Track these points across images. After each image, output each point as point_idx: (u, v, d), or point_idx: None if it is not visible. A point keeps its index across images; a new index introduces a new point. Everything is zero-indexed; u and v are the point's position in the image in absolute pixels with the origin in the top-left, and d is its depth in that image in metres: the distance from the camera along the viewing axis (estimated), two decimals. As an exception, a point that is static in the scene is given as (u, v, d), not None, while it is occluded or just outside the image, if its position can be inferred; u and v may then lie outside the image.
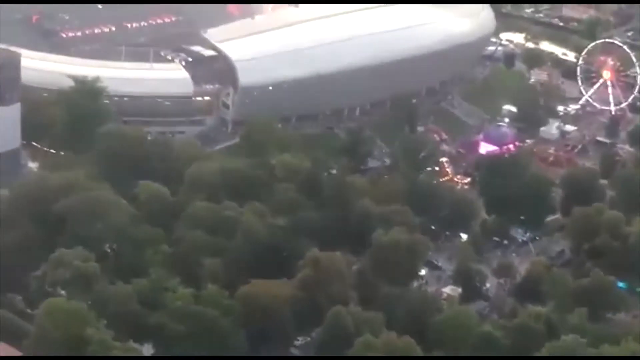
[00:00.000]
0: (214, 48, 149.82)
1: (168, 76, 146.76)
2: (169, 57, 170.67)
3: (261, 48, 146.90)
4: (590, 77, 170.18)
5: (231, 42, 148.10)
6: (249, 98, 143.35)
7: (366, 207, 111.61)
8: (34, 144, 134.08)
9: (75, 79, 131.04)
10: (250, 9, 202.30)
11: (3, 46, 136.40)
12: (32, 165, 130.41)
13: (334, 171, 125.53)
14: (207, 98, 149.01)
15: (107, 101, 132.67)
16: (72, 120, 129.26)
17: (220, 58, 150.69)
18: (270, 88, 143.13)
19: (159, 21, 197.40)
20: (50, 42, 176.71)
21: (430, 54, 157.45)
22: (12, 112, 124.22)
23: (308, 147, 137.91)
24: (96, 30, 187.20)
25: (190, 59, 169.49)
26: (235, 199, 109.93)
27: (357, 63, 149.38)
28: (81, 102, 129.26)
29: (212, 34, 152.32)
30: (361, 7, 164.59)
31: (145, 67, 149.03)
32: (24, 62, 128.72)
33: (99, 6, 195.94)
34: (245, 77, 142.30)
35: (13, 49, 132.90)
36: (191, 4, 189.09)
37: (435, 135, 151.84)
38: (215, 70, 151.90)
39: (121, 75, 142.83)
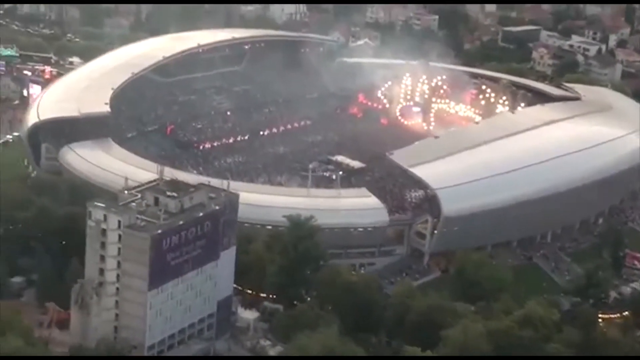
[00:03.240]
0: (406, 173, 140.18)
1: (360, 205, 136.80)
2: (315, 169, 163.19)
3: (458, 173, 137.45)
4: None
5: (423, 167, 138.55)
6: (451, 228, 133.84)
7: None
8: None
9: (290, 218, 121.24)
10: (372, 110, 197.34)
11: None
12: (240, 310, 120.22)
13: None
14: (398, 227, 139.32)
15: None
16: (287, 262, 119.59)
17: (411, 182, 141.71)
18: (475, 217, 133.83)
19: (289, 127, 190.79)
20: (192, 154, 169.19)
21: (618, 173, 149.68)
22: (229, 257, 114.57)
23: (521, 283, 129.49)
24: (231, 140, 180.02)
25: (341, 173, 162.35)
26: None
27: (552, 187, 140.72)
28: (297, 244, 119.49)
29: (399, 156, 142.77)
30: (536, 122, 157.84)
31: (332, 194, 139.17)
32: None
33: (228, 112, 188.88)
34: (449, 207, 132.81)
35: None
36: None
37: (636, 262, 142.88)
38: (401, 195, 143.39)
39: (312, 205, 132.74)
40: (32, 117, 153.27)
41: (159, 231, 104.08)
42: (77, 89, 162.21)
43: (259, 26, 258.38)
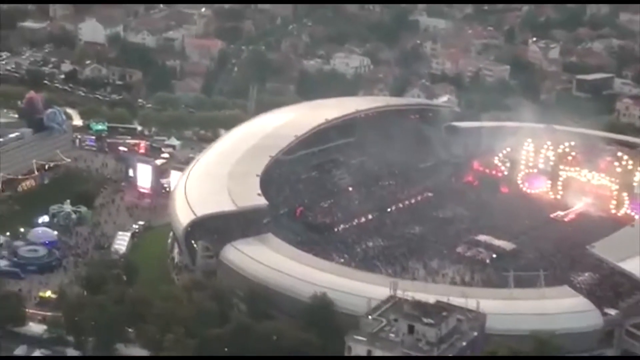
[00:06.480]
0: (615, 269, 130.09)
1: (570, 307, 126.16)
2: (469, 254, 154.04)
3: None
4: None
5: (633, 262, 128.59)
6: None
7: None
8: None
9: (534, 336, 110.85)
10: (489, 178, 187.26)
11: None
12: None
13: None
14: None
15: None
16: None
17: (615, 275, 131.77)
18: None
19: (412, 201, 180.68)
20: (328, 239, 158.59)
21: None
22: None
23: None
24: (362, 219, 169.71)
25: (494, 255, 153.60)
26: None
27: None
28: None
29: (601, 249, 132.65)
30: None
31: (537, 295, 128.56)
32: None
33: (350, 188, 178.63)
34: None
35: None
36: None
37: None
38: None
39: (521, 310, 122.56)
40: (184, 213, 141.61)
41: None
42: (220, 177, 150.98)
43: (328, 81, 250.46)
